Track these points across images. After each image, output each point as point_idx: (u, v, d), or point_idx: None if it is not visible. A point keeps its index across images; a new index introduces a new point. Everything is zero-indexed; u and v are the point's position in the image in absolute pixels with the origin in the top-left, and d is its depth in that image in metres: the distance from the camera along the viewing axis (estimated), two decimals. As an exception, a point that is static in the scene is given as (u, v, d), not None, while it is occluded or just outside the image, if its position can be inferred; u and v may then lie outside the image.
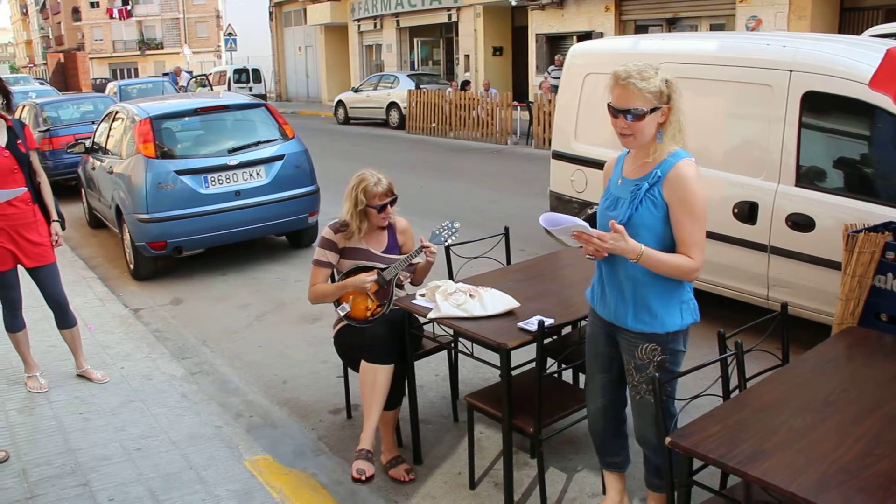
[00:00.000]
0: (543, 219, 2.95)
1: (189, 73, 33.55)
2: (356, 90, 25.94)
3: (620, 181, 3.12)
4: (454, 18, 27.08)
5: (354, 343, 4.32)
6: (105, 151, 9.16)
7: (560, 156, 7.06)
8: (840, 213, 4.91)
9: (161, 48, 71.15)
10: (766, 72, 5.38)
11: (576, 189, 6.83)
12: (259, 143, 8.51)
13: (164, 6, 71.91)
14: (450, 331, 3.96)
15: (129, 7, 71.78)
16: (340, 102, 26.16)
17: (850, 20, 16.61)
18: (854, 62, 5.03)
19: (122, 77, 60.55)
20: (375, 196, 4.33)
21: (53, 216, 5.14)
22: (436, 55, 30.52)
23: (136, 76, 61.84)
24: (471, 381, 5.17)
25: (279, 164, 8.42)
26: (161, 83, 22.88)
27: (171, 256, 8.06)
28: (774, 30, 16.49)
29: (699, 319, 3.16)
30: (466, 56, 26.81)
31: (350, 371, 4.67)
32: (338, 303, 4.43)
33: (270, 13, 39.68)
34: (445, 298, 3.87)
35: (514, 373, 3.69)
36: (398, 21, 30.12)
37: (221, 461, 4.21)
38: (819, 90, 5.14)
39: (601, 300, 3.24)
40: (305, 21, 36.12)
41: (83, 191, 10.87)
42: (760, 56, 5.51)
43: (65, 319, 5.27)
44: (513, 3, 22.96)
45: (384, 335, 4.18)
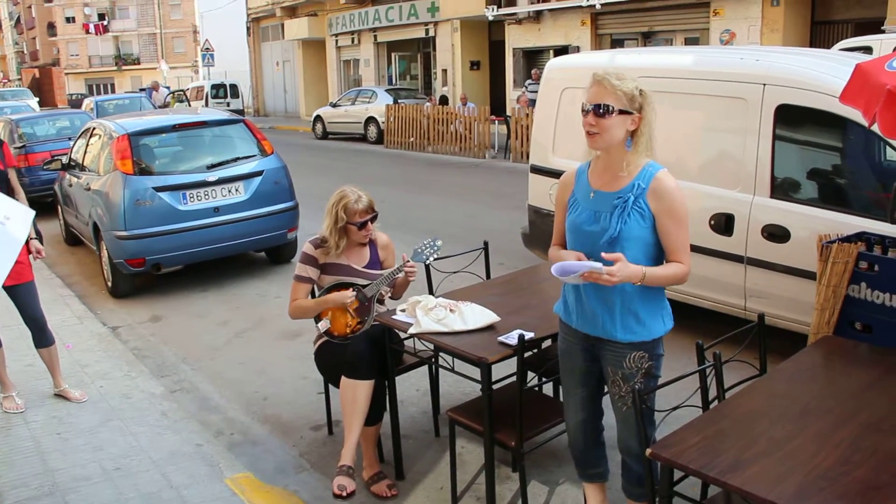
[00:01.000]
0: (555, 269, 2.92)
1: (167, 89, 33.44)
2: (334, 105, 25.94)
3: (593, 194, 3.12)
4: (431, 33, 27.21)
5: (335, 359, 4.31)
6: (82, 168, 9.10)
7: (538, 170, 7.10)
8: (814, 224, 4.97)
9: (138, 63, 70.79)
10: (741, 85, 5.45)
11: (554, 203, 6.86)
12: (237, 160, 8.48)
13: (141, 21, 71.60)
14: (430, 346, 3.96)
15: (106, 22, 71.41)
16: (318, 117, 26.14)
17: (821, 33, 16.94)
18: (826, 76, 5.11)
19: (99, 93, 60.21)
20: (356, 213, 4.34)
21: (32, 234, 5.10)
22: (413, 70, 30.61)
23: (113, 92, 61.40)
24: (452, 396, 5.17)
25: (258, 180, 8.39)
26: (139, 99, 22.75)
27: (150, 273, 8.01)
28: (748, 43, 16.75)
29: (673, 325, 3.20)
30: (444, 70, 26.91)
31: (331, 387, 4.65)
32: (318, 319, 4.42)
33: (248, 28, 39.66)
34: (426, 313, 3.88)
35: (495, 387, 3.70)
36: (376, 36, 30.20)
37: (202, 480, 4.18)
38: (792, 103, 5.21)
39: (579, 315, 3.22)
40: (283, 36, 36.13)
41: (60, 208, 10.78)
42: (734, 70, 5.58)
43: (42, 338, 5.22)
44: (489, 18, 23.08)
45: (364, 351, 4.17)
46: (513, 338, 3.58)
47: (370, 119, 23.54)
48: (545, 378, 4.07)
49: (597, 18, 20.78)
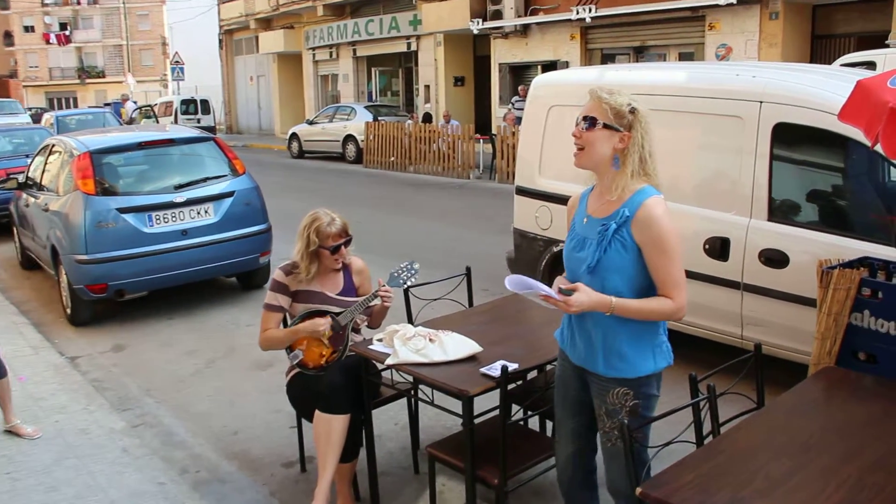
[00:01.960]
0: (509, 282, 2.96)
1: (134, 103, 33.38)
2: (311, 122, 26.00)
3: (586, 220, 3.14)
4: (414, 47, 27.36)
5: (308, 392, 4.28)
6: (40, 187, 9.04)
7: (524, 191, 7.12)
8: (814, 248, 5.00)
9: (102, 76, 70.62)
10: (736, 103, 5.50)
11: (540, 226, 6.88)
12: (207, 180, 8.46)
13: (106, 32, 71.45)
14: (409, 377, 3.94)
15: (68, 32, 71.17)
16: (294, 135, 26.18)
17: (822, 48, 17.10)
18: (825, 93, 5.16)
19: (60, 107, 59.96)
20: (329, 237, 4.33)
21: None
22: (394, 85, 30.73)
23: (76, 106, 61.22)
24: (432, 430, 5.14)
25: (229, 202, 8.37)
26: (102, 114, 22.66)
27: (112, 300, 7.95)
28: (745, 58, 16.91)
29: (673, 362, 3.18)
30: (426, 86, 27.04)
31: (304, 421, 4.62)
32: (290, 349, 4.40)
33: (220, 41, 39.74)
34: (404, 343, 3.86)
35: (478, 421, 3.68)
36: (355, 50, 30.33)
37: (164, 521, 4.13)
38: (790, 121, 5.26)
39: (571, 343, 3.25)
40: (257, 49, 36.22)
41: (15, 229, 10.69)
42: (730, 87, 5.63)
43: (-7, 370, 5.16)
44: (475, 32, 23.22)
45: (339, 383, 4.15)
46: (496, 369, 3.57)
47: (349, 137, 23.59)
48: (530, 412, 4.06)
49: (587, 32, 20.96)
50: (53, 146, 9.21)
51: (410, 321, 4.79)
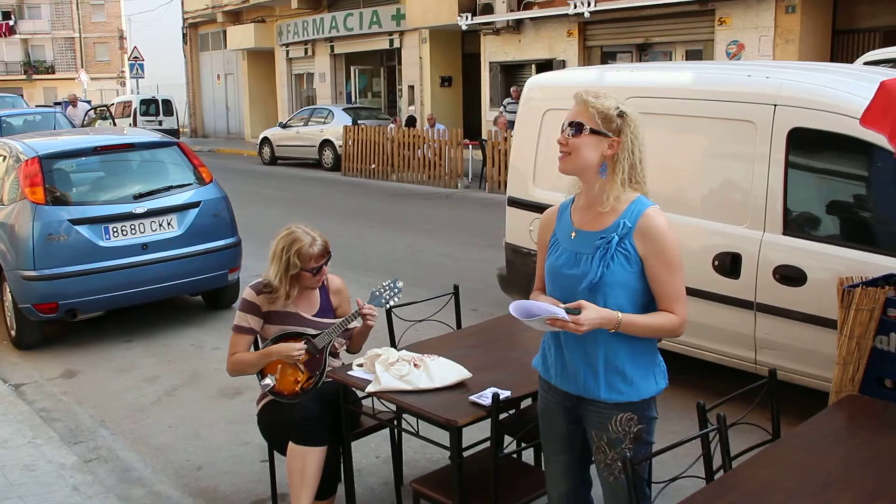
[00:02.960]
0: (514, 308, 2.95)
1: (87, 103, 33.27)
2: (284, 126, 26.00)
3: (574, 234, 3.16)
4: (397, 44, 27.45)
5: (281, 421, 4.27)
6: (-17, 197, 9.01)
7: (517, 202, 7.14)
8: (834, 265, 5.03)
9: (52, 72, 70.18)
10: (748, 106, 5.53)
11: (535, 240, 6.88)
12: (170, 188, 8.44)
13: (56, 23, 70.97)
14: (392, 406, 3.94)
15: (12, 22, 70.56)
16: (266, 140, 26.20)
17: (844, 44, 17.11)
18: (846, 94, 5.19)
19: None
20: (311, 259, 4.32)
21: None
22: (376, 86, 30.83)
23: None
24: (417, 464, 5.14)
25: (194, 213, 8.36)
26: (53, 115, 22.54)
27: (64, 320, 7.91)
28: (759, 56, 16.95)
29: (668, 384, 3.20)
30: (411, 87, 27.12)
31: (276, 454, 4.60)
32: (262, 375, 4.39)
33: (184, 35, 39.75)
34: (386, 369, 3.87)
35: (466, 453, 3.68)
36: (332, 47, 30.40)
37: (121, 566, 4.11)
38: (807, 126, 5.28)
39: (560, 371, 3.24)
40: (225, 45, 36.26)
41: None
42: (741, 89, 5.66)
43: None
44: (463, 28, 23.29)
45: (316, 412, 4.14)
46: (486, 397, 3.58)
47: (325, 142, 23.63)
48: (524, 444, 4.07)
49: (585, 28, 21.07)
50: (-2, 150, 9.18)
51: (393, 345, 4.79)
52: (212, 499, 5.04)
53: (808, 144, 5.39)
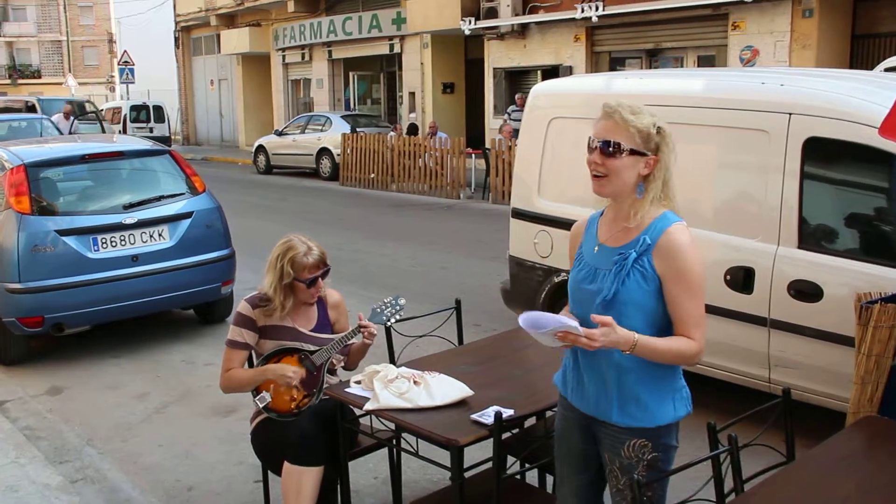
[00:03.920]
0: (524, 320, 2.92)
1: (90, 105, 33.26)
2: (280, 133, 26.06)
3: (597, 248, 3.15)
4: (397, 49, 27.49)
5: (276, 440, 4.28)
6: (-33, 206, 9.03)
7: (521, 214, 7.15)
8: (852, 280, 5.03)
9: (38, 77, 70.21)
10: (762, 115, 5.54)
11: (540, 253, 6.91)
12: (162, 198, 8.45)
13: (42, 26, 71.03)
14: (391, 424, 3.95)
15: (-4, 25, 71.06)
16: (261, 148, 26.24)
17: (863, 49, 17.03)
18: (864, 103, 5.19)
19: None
20: (305, 268, 4.34)
21: None
22: (375, 92, 30.87)
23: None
24: (417, 485, 5.14)
25: (186, 224, 8.37)
26: (39, 120, 22.54)
27: (50, 335, 7.92)
28: (774, 62, 16.87)
29: (692, 410, 3.18)
30: (412, 94, 27.15)
31: (271, 475, 4.61)
32: (256, 392, 4.39)
33: (176, 39, 39.81)
34: (385, 386, 3.87)
35: (468, 474, 3.69)
36: (330, 52, 30.46)
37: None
38: (824, 136, 5.28)
39: (577, 389, 3.23)
40: (219, 49, 36.31)
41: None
42: (755, 97, 5.67)
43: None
44: (466, 32, 23.31)
45: (312, 431, 4.15)
46: (489, 416, 3.58)
47: (323, 150, 23.67)
48: (528, 464, 4.07)
49: (593, 33, 21.10)
50: (-18, 158, 9.20)
51: (392, 361, 4.80)
52: (203, 521, 5.05)
53: (825, 155, 5.38)
